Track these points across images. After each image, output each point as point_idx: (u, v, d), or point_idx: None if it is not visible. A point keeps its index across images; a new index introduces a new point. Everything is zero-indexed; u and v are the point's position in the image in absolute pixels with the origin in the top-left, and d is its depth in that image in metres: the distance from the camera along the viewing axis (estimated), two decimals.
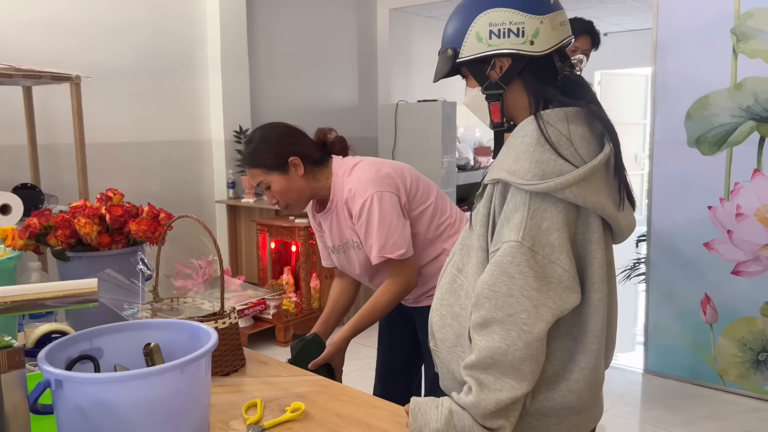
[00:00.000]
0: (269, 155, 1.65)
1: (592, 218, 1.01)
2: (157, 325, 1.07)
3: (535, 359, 0.99)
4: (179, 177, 4.18)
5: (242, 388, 1.35)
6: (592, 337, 1.03)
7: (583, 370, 1.04)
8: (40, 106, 3.34)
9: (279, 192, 1.67)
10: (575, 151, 1.00)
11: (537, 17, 1.04)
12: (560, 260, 0.98)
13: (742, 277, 2.97)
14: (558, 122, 1.02)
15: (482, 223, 1.07)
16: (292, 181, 1.66)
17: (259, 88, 4.62)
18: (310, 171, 1.68)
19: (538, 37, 1.04)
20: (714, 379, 3.10)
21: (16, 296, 0.87)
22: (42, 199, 3.11)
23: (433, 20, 5.93)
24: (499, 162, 1.05)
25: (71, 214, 1.54)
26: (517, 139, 1.04)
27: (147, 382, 0.85)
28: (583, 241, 1.02)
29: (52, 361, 0.87)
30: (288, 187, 1.66)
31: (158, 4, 3.97)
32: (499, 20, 1.04)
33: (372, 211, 1.60)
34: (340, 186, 1.67)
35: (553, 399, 1.05)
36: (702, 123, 2.99)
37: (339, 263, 1.82)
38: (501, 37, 1.05)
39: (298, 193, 1.68)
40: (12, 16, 3.32)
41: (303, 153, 1.66)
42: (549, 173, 0.97)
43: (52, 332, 1.36)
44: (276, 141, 1.66)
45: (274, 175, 1.65)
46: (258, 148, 1.66)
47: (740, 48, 2.86)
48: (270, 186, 1.67)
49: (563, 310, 0.99)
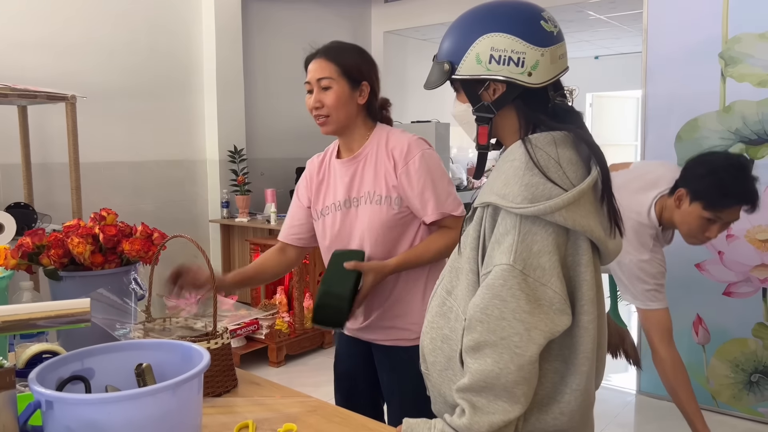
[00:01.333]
0: (354, 63, 1.56)
1: (581, 240, 1.02)
2: (149, 346, 1.07)
3: (528, 382, 0.99)
4: (173, 196, 4.19)
5: (234, 409, 1.35)
6: (583, 358, 1.04)
7: (575, 392, 1.04)
8: (35, 125, 3.35)
9: (336, 99, 1.54)
10: (564, 174, 1.01)
11: (539, 49, 1.04)
12: (551, 283, 0.99)
13: (734, 298, 2.98)
14: (546, 146, 1.03)
15: (472, 246, 1.08)
16: (352, 100, 1.56)
17: (254, 108, 4.64)
18: (365, 109, 1.60)
19: (537, 69, 1.04)
20: (707, 401, 3.09)
21: (7, 316, 0.87)
22: (35, 219, 3.10)
23: (427, 42, 6.00)
24: (488, 185, 1.07)
25: (64, 234, 1.54)
26: (506, 163, 1.06)
27: (138, 403, 0.85)
28: (572, 263, 1.03)
29: (42, 382, 0.87)
30: (345, 102, 1.55)
31: (154, 25, 4.00)
32: (501, 46, 1.03)
33: (432, 163, 1.53)
34: (384, 137, 1.58)
35: (545, 422, 1.05)
36: (692, 145, 3.03)
37: (324, 228, 1.65)
38: (500, 64, 1.04)
39: (347, 116, 1.56)
40: (8, 36, 3.34)
41: (374, 89, 1.60)
42: (538, 197, 0.98)
43: (43, 352, 1.35)
44: (368, 59, 1.60)
45: (343, 81, 1.54)
46: (348, 50, 1.58)
47: (728, 72, 2.91)
48: (330, 87, 1.54)
49: (555, 333, 1.00)
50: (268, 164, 4.73)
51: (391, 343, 1.63)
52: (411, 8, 5.33)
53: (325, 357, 3.90)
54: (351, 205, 1.60)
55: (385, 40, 5.57)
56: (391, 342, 1.63)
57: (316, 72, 1.55)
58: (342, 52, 1.57)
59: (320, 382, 3.39)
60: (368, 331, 1.66)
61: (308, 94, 1.59)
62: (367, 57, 1.61)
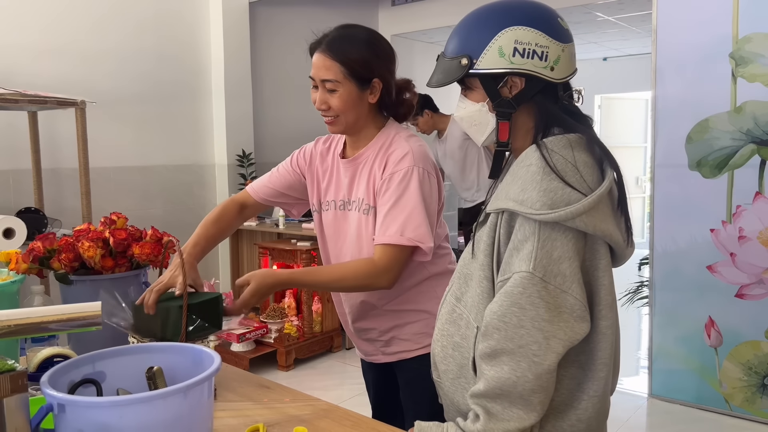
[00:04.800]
0: (362, 59, 1.39)
1: (599, 245, 1.01)
2: (160, 349, 1.07)
3: (545, 390, 0.98)
4: (182, 201, 4.20)
5: (244, 412, 1.34)
6: (601, 364, 1.02)
7: (592, 398, 1.03)
8: (45, 130, 3.38)
9: (342, 103, 1.40)
10: (581, 178, 0.99)
11: (560, 44, 1.03)
12: (572, 289, 0.97)
13: (746, 300, 2.95)
14: (562, 149, 1.01)
15: (486, 252, 1.06)
16: (361, 101, 1.41)
17: (262, 112, 4.66)
18: (375, 108, 1.45)
19: (558, 64, 1.03)
20: (720, 404, 3.06)
21: (20, 319, 0.87)
22: (45, 223, 3.12)
23: (434, 45, 6.00)
24: (503, 191, 1.04)
25: (75, 238, 1.55)
26: (522, 168, 1.03)
27: (150, 406, 0.84)
28: (590, 267, 1.01)
29: (54, 385, 0.87)
30: (353, 104, 1.40)
31: (163, 31, 4.03)
32: (525, 39, 1.01)
33: (420, 184, 1.37)
34: (389, 140, 1.44)
35: (561, 429, 1.04)
36: (703, 146, 3.01)
37: (322, 224, 1.57)
38: (525, 57, 1.02)
39: (356, 117, 1.43)
40: (19, 43, 3.37)
41: (388, 85, 1.44)
42: (558, 202, 0.96)
43: (54, 356, 1.35)
44: (379, 51, 1.42)
45: (350, 83, 1.39)
46: (357, 42, 1.40)
47: (739, 72, 2.89)
48: (336, 90, 1.40)
49: (574, 341, 0.98)
50: None
51: (396, 358, 1.58)
52: (418, 11, 5.34)
53: (334, 361, 3.90)
54: (345, 207, 1.51)
55: (392, 43, 5.56)
56: (396, 357, 1.58)
57: (320, 71, 1.41)
58: (349, 46, 1.39)
59: (329, 386, 3.38)
60: (373, 356, 1.64)
61: (313, 88, 1.46)
62: (378, 48, 1.43)
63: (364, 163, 1.47)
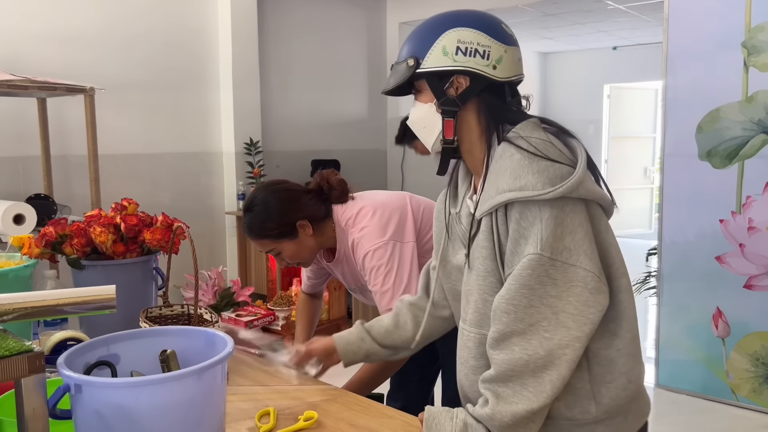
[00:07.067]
0: (275, 226, 1.60)
1: (594, 209, 1.03)
2: (173, 332, 1.08)
3: (557, 369, 0.97)
4: (190, 188, 4.21)
5: (255, 396, 1.36)
6: (632, 320, 1.05)
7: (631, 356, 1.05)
8: (54, 117, 3.38)
9: (291, 256, 1.65)
10: (560, 152, 1.02)
11: (502, 45, 1.07)
12: (580, 261, 0.97)
13: (755, 291, 2.94)
14: (533, 131, 1.04)
15: (490, 258, 1.05)
16: (302, 243, 1.63)
17: (269, 100, 4.65)
18: (317, 228, 1.64)
19: (501, 63, 1.06)
20: (726, 394, 3.06)
21: (36, 302, 0.88)
22: (55, 210, 3.14)
23: None
24: (492, 190, 1.03)
25: (87, 223, 1.56)
26: (504, 161, 1.03)
27: (165, 388, 0.85)
28: (595, 233, 1.02)
29: (70, 366, 0.88)
30: (299, 250, 1.64)
31: (171, 18, 4.02)
32: (467, 39, 1.05)
33: (381, 260, 1.56)
34: (344, 237, 1.65)
35: (617, 396, 1.05)
36: (713, 136, 2.99)
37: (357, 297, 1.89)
38: (467, 56, 1.05)
39: (309, 252, 1.66)
40: (28, 30, 3.37)
41: (309, 214, 1.62)
42: (554, 178, 0.97)
43: (67, 339, 1.37)
44: (280, 211, 1.61)
45: (284, 242, 1.62)
46: (263, 220, 1.61)
47: (751, 61, 2.86)
48: (281, 252, 1.64)
49: (589, 315, 0.97)
50: (283, 156, 4.74)
51: None
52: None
53: None
54: (361, 290, 1.78)
55: (400, 30, 5.54)
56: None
57: (261, 249, 1.68)
58: (262, 225, 1.60)
59: (338, 372, 3.38)
60: None
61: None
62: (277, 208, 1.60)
63: (344, 262, 1.71)
